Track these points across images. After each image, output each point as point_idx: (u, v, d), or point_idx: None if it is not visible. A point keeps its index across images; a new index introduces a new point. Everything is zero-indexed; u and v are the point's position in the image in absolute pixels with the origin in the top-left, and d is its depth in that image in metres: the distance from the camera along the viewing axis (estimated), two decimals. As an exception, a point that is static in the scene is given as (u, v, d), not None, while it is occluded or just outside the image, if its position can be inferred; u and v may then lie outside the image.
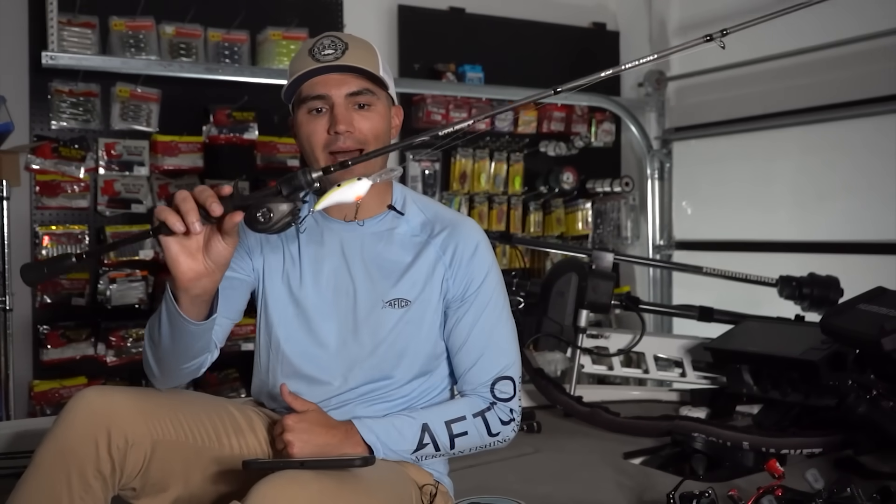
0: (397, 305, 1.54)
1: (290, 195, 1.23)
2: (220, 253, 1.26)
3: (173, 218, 1.20)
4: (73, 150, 3.29)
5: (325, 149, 1.51)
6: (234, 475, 1.43)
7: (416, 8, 4.15)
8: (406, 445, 1.48)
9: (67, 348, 3.33)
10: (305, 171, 1.22)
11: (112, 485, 1.32)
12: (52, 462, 1.29)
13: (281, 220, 1.22)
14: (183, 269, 1.25)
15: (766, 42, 3.99)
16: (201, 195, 1.21)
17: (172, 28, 3.49)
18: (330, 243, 1.58)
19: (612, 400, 2.89)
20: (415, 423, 1.49)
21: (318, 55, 1.50)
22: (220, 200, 1.21)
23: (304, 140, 1.54)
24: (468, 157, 4.23)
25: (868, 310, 2.27)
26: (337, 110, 1.50)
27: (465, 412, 1.54)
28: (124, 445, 1.31)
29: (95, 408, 1.32)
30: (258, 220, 1.21)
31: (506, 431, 1.58)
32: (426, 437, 1.49)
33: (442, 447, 1.51)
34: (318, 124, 1.51)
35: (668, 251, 4.56)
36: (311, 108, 1.52)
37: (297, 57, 1.55)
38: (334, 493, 1.24)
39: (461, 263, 1.57)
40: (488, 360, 1.57)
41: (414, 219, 1.61)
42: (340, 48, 1.50)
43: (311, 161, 1.54)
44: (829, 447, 2.24)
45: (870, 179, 3.73)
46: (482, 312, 1.57)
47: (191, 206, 1.20)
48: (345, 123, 1.49)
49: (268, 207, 1.21)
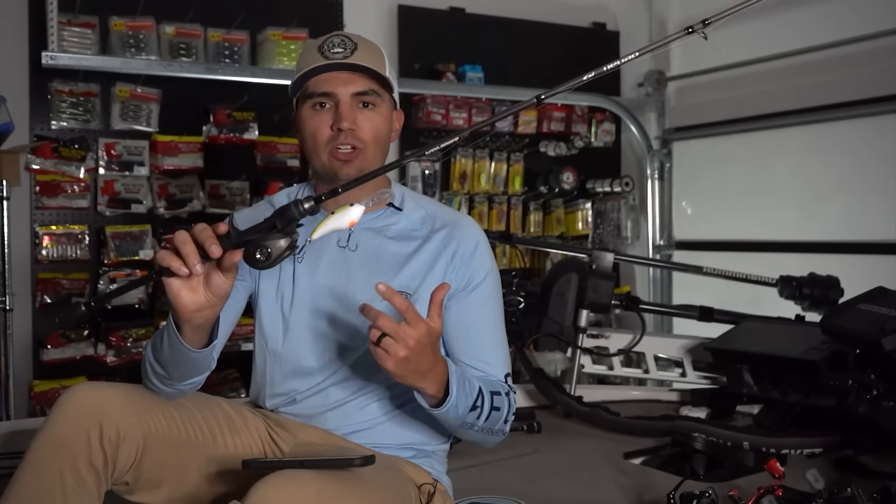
0: None
1: (286, 228, 1.24)
2: (221, 286, 1.27)
3: (176, 263, 1.22)
4: (73, 150, 3.29)
5: (328, 145, 1.52)
6: (232, 474, 1.43)
7: (416, 8, 4.15)
8: (468, 402, 1.44)
9: (67, 348, 3.32)
10: (297, 202, 1.23)
11: (105, 478, 1.33)
12: (45, 455, 1.30)
13: (280, 255, 1.24)
14: (185, 304, 1.26)
15: (767, 42, 3.99)
16: (200, 236, 1.22)
17: (172, 28, 3.49)
18: (328, 238, 1.58)
19: (612, 400, 2.89)
20: (475, 384, 1.47)
21: (328, 52, 1.51)
22: (218, 240, 1.22)
23: (308, 135, 1.55)
24: (468, 157, 4.24)
25: (868, 310, 2.27)
26: (342, 108, 1.51)
27: (501, 389, 1.53)
28: (116, 438, 1.33)
29: (87, 402, 1.33)
30: (257, 259, 1.23)
31: (510, 424, 1.57)
32: (479, 399, 1.46)
33: (482, 416, 1.47)
34: (323, 120, 1.52)
35: (668, 251, 4.56)
36: (316, 104, 1.53)
37: (305, 53, 1.56)
38: (334, 492, 1.24)
39: (464, 259, 1.58)
40: (499, 353, 1.59)
41: (413, 214, 1.62)
42: (350, 47, 1.52)
43: (312, 157, 1.56)
44: (830, 447, 2.24)
45: (870, 179, 3.73)
46: (486, 304, 1.59)
47: (191, 250, 1.22)
48: (348, 121, 1.51)
49: (266, 245, 1.23)
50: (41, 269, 3.33)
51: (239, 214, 1.66)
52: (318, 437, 1.55)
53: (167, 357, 1.36)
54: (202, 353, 1.35)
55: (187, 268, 1.22)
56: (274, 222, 1.24)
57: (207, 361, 1.41)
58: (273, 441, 1.55)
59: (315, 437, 1.55)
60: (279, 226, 1.24)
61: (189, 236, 1.22)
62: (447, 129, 4.17)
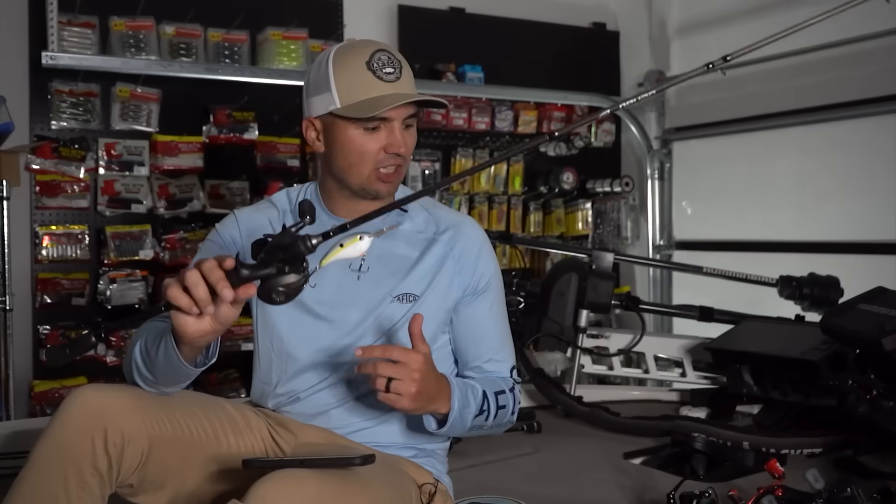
0: (405, 300, 1.57)
1: (296, 265, 1.23)
2: (228, 315, 1.25)
3: (187, 302, 1.21)
4: (73, 150, 3.29)
5: (375, 164, 1.53)
6: (233, 474, 1.43)
7: (416, 8, 4.15)
8: (472, 409, 1.51)
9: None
10: (305, 238, 1.22)
11: (109, 482, 1.33)
12: (49, 460, 1.29)
13: (296, 290, 1.24)
14: (191, 331, 1.25)
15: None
16: (211, 277, 1.20)
17: (172, 28, 3.49)
18: (333, 241, 1.58)
19: (612, 400, 2.89)
20: (479, 390, 1.54)
21: (380, 72, 1.50)
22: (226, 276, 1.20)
23: (354, 152, 1.53)
24: (468, 157, 4.24)
25: (868, 310, 2.27)
26: (397, 132, 1.52)
27: (504, 387, 1.60)
28: (121, 442, 1.32)
29: (91, 405, 1.32)
30: (275, 299, 1.24)
31: (517, 413, 1.65)
32: (485, 403, 1.53)
33: (489, 417, 1.55)
34: (375, 141, 1.52)
35: (668, 251, 4.56)
36: (370, 126, 1.52)
37: (350, 68, 1.51)
38: (334, 491, 1.24)
39: (470, 261, 1.62)
40: (506, 349, 1.66)
41: (417, 216, 1.64)
42: (397, 66, 1.52)
43: (351, 173, 1.55)
44: (830, 447, 2.24)
45: (870, 179, 3.72)
46: (492, 304, 1.64)
47: (204, 293, 1.20)
48: (405, 147, 1.54)
49: (281, 286, 1.23)
50: (41, 269, 3.33)
51: (240, 213, 1.65)
52: (320, 437, 1.55)
53: (160, 366, 1.35)
54: (199, 370, 1.36)
55: (199, 308, 1.21)
56: (282, 261, 1.22)
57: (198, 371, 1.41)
58: (274, 441, 1.55)
59: (317, 436, 1.55)
60: (287, 265, 1.22)
61: (200, 278, 1.20)
62: (447, 129, 4.17)
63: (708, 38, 4.42)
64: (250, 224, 1.62)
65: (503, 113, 4.28)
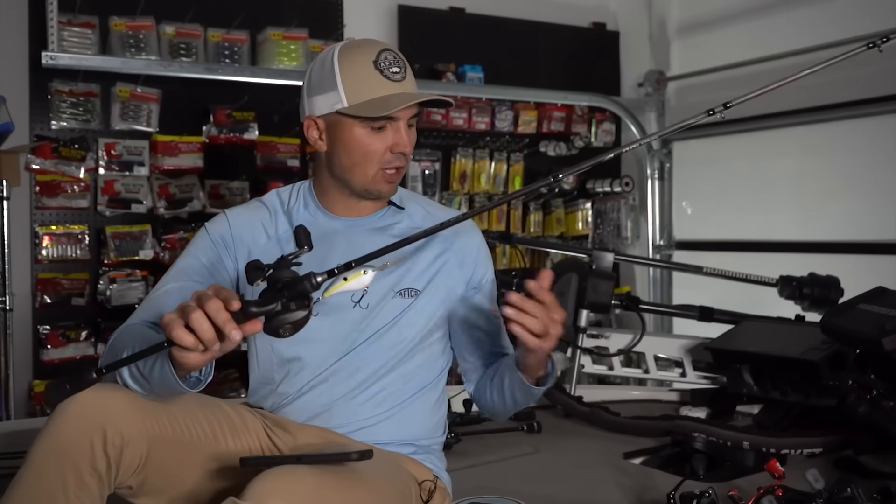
0: (407, 295, 1.58)
1: (301, 302, 1.23)
2: (228, 347, 1.22)
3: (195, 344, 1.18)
4: (73, 150, 3.29)
5: (380, 164, 1.54)
6: (232, 473, 1.43)
7: (416, 8, 4.15)
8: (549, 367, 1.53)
9: (67, 348, 3.33)
10: (310, 275, 1.21)
11: (108, 483, 1.31)
12: (47, 460, 1.28)
13: (302, 325, 1.25)
14: (191, 364, 1.22)
15: (766, 42, 3.99)
16: (217, 319, 1.17)
17: (172, 28, 3.49)
18: (333, 240, 1.59)
19: (612, 400, 2.89)
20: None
21: (387, 72, 1.51)
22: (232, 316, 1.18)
23: (359, 151, 1.54)
24: (468, 157, 4.24)
25: (868, 310, 2.27)
26: (403, 132, 1.54)
27: None
28: (120, 443, 1.31)
29: (90, 405, 1.30)
30: (282, 334, 1.24)
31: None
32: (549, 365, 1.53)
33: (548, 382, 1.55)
34: (382, 141, 1.53)
35: (668, 251, 4.56)
36: (376, 126, 1.52)
37: (359, 66, 1.51)
38: (332, 487, 1.24)
39: (471, 255, 1.65)
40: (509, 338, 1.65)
41: (415, 213, 1.65)
42: (402, 66, 1.53)
43: (355, 172, 1.55)
44: (830, 447, 2.24)
45: (870, 179, 3.72)
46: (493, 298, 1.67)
47: (210, 335, 1.17)
48: (410, 146, 1.56)
49: (287, 322, 1.23)
50: (41, 269, 3.33)
51: (231, 213, 1.64)
52: (317, 437, 1.55)
53: (156, 385, 1.32)
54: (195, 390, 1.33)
55: (205, 347, 1.19)
56: (287, 299, 1.21)
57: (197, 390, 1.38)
58: (271, 441, 1.55)
59: (314, 436, 1.55)
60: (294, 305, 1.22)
61: (206, 319, 1.17)
62: (447, 129, 4.17)
63: (708, 38, 4.43)
64: (241, 225, 1.61)
65: (503, 113, 4.28)
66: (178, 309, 1.20)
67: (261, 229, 1.61)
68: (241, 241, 1.60)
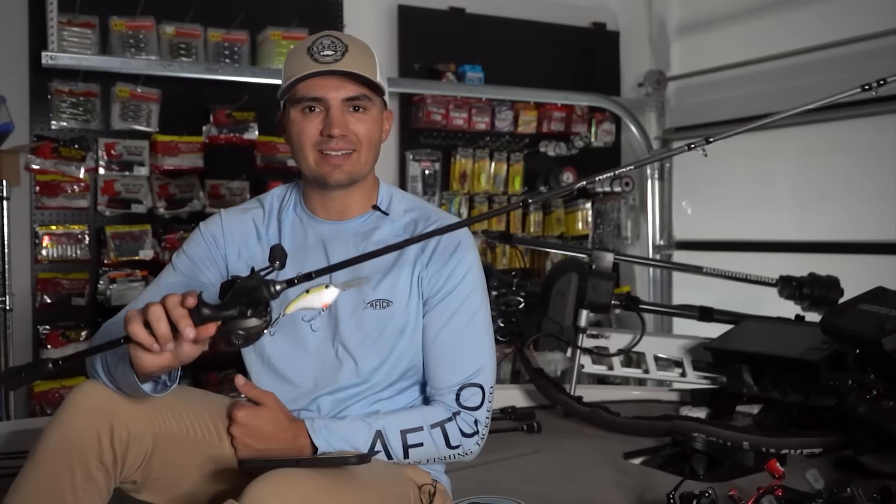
0: (378, 306, 1.53)
1: (258, 309, 1.21)
2: (188, 353, 1.22)
3: (148, 339, 1.18)
4: (73, 150, 3.29)
5: (315, 147, 1.51)
6: (234, 473, 1.43)
7: (416, 8, 4.15)
8: (357, 448, 1.45)
9: (67, 348, 3.32)
10: (269, 283, 1.20)
11: (114, 476, 1.33)
12: (55, 453, 1.29)
13: (256, 335, 1.22)
14: (147, 366, 1.22)
15: (766, 42, 3.99)
16: (174, 314, 1.18)
17: (172, 28, 3.49)
18: (313, 242, 1.58)
19: (612, 400, 2.89)
20: (369, 429, 1.47)
21: (318, 55, 1.49)
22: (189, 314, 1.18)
23: (295, 137, 1.54)
24: (468, 157, 4.24)
25: (868, 310, 2.27)
26: (332, 113, 1.50)
27: (423, 422, 1.50)
28: (127, 437, 1.32)
29: (97, 400, 1.32)
30: (234, 342, 1.21)
31: (468, 444, 1.53)
32: (378, 444, 1.46)
33: (395, 456, 1.48)
34: (312, 124, 1.51)
35: (668, 251, 4.56)
36: (306, 108, 1.51)
37: (294, 55, 1.53)
38: (329, 491, 1.24)
39: (438, 260, 1.55)
40: (456, 363, 1.53)
41: (398, 220, 1.60)
42: (340, 50, 1.49)
43: (299, 160, 1.54)
44: (829, 447, 2.24)
45: (870, 179, 3.72)
46: (455, 313, 1.54)
47: (165, 330, 1.18)
48: (339, 127, 1.49)
49: (240, 329, 1.20)
50: (41, 269, 3.33)
51: (226, 213, 1.64)
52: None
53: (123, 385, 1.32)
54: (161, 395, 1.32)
55: (159, 346, 1.19)
56: (245, 305, 1.20)
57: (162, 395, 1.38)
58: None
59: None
60: (251, 312, 1.20)
61: (163, 314, 1.18)
62: (447, 129, 4.17)
63: (708, 38, 4.43)
64: (234, 225, 1.61)
65: (503, 113, 4.27)
66: (144, 306, 1.20)
67: (253, 230, 1.61)
68: (233, 240, 1.60)
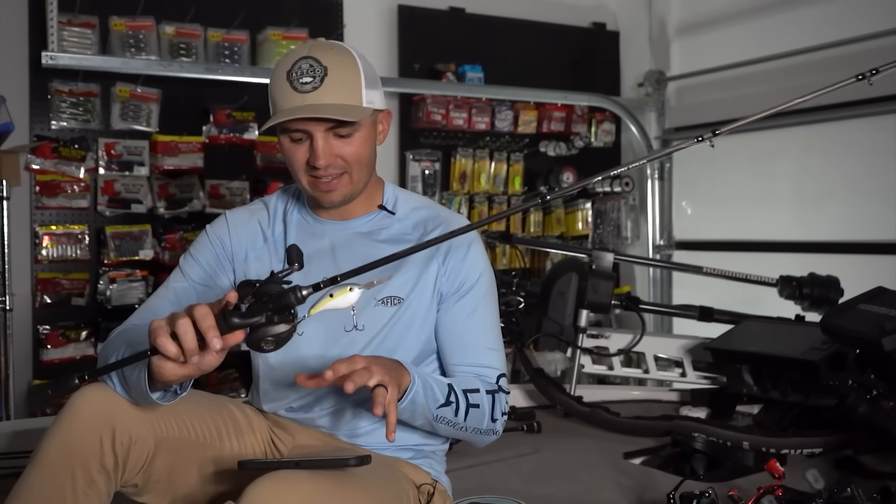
0: (390, 303, 1.53)
1: (285, 315, 1.22)
2: (211, 363, 1.21)
3: (174, 351, 1.18)
4: (73, 150, 3.29)
5: (306, 173, 1.50)
6: (231, 475, 1.43)
7: (416, 8, 4.15)
8: (436, 396, 1.45)
9: (67, 348, 3.33)
10: (296, 289, 1.20)
11: (115, 480, 1.33)
12: (56, 457, 1.29)
13: (285, 339, 1.23)
14: (168, 376, 1.22)
15: (767, 42, 3.99)
16: (202, 325, 1.18)
17: (172, 28, 3.50)
18: (320, 242, 1.58)
19: (612, 400, 2.88)
20: (444, 380, 1.49)
21: (296, 83, 1.44)
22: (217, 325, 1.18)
23: (287, 161, 1.53)
24: (468, 157, 4.24)
25: (868, 310, 2.27)
26: (316, 144, 1.46)
27: (480, 387, 1.53)
28: (128, 441, 1.33)
29: (99, 404, 1.32)
30: (264, 348, 1.23)
31: (500, 423, 1.57)
32: (451, 395, 1.47)
33: (459, 412, 1.48)
34: (299, 151, 1.49)
35: (668, 251, 4.56)
36: (294, 137, 1.49)
37: (275, 78, 1.48)
38: (329, 492, 1.24)
39: (456, 260, 1.56)
40: (491, 355, 1.58)
41: (406, 219, 1.61)
42: (319, 75, 1.44)
43: (295, 179, 1.54)
44: (829, 447, 2.24)
45: (870, 179, 3.73)
46: (478, 308, 1.57)
47: (193, 344, 1.18)
48: (324, 158, 1.47)
49: (271, 336, 1.22)
50: (41, 269, 3.33)
51: (231, 215, 1.64)
52: (317, 440, 1.55)
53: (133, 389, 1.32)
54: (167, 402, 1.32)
55: (185, 358, 1.19)
56: (272, 311, 1.20)
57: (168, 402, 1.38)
58: (273, 443, 1.56)
59: (314, 438, 1.55)
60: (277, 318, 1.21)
61: (191, 326, 1.17)
62: (447, 129, 4.18)
63: (708, 38, 4.43)
64: (240, 227, 1.61)
65: (503, 113, 4.28)
66: (169, 316, 1.20)
67: (259, 231, 1.61)
68: (240, 242, 1.60)
